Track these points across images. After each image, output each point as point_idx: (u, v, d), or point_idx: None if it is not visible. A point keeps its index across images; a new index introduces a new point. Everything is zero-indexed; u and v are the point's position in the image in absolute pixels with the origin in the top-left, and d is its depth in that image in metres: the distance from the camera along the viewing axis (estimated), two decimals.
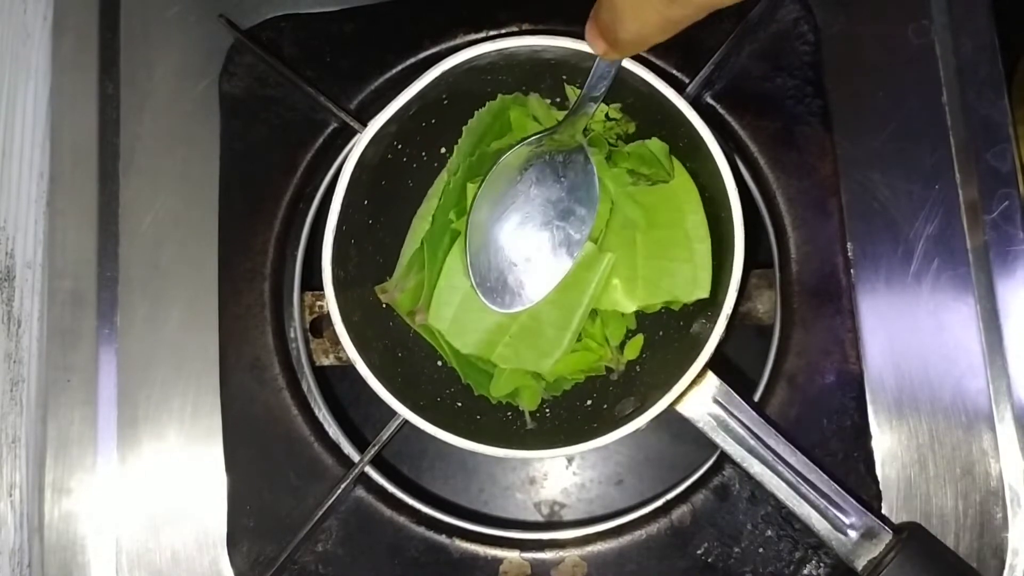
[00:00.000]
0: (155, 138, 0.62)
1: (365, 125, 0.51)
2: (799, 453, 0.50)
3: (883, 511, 0.54)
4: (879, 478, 0.54)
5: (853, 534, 0.49)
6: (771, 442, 0.50)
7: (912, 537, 0.49)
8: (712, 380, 0.50)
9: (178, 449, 0.59)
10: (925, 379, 0.54)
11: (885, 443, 0.54)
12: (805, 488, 0.50)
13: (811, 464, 0.50)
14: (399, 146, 0.54)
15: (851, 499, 0.50)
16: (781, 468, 0.50)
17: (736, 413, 0.50)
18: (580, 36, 0.46)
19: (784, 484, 0.50)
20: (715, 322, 0.49)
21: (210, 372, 0.59)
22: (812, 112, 0.57)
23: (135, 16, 0.64)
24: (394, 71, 0.60)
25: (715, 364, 0.50)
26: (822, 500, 0.50)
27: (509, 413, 0.56)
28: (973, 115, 0.56)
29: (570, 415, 0.56)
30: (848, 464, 0.54)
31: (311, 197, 0.61)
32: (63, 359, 0.61)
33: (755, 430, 0.50)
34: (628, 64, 0.49)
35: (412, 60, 0.60)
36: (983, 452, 0.53)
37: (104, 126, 0.63)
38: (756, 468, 0.50)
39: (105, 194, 0.62)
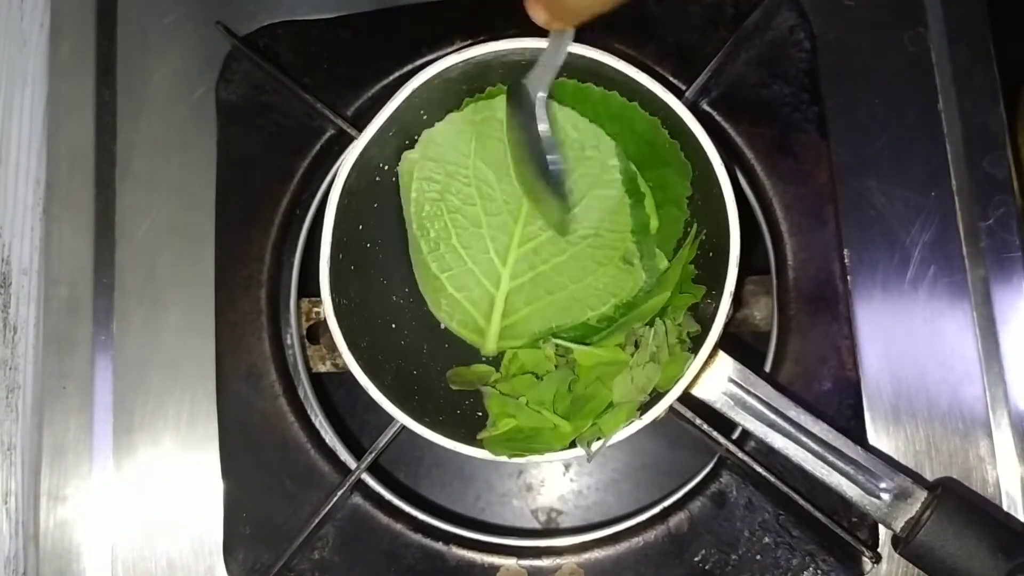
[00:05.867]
0: (152, 145, 0.62)
1: (361, 132, 0.51)
2: (822, 422, 0.50)
3: None
4: None
5: (887, 496, 0.49)
6: (792, 413, 0.50)
7: (947, 491, 0.49)
8: (725, 359, 0.50)
9: (174, 456, 0.59)
10: (922, 386, 0.54)
11: (882, 450, 0.54)
12: (832, 456, 0.49)
13: (835, 431, 0.49)
14: (385, 167, 0.54)
15: (880, 461, 0.49)
16: (805, 439, 0.49)
17: (753, 389, 0.50)
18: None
19: (810, 455, 0.49)
20: (719, 301, 0.49)
21: (206, 379, 0.59)
22: (808, 119, 0.57)
23: (132, 23, 0.64)
24: (391, 78, 0.60)
25: (726, 345, 0.50)
26: (850, 466, 0.49)
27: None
28: (969, 122, 0.56)
29: None
30: None
31: (308, 204, 0.61)
32: (59, 366, 0.61)
33: (774, 404, 0.50)
34: (628, 70, 0.49)
35: (409, 67, 0.60)
36: (980, 459, 0.53)
37: (100, 133, 0.63)
38: (779, 442, 0.50)
39: (101, 201, 0.62)
